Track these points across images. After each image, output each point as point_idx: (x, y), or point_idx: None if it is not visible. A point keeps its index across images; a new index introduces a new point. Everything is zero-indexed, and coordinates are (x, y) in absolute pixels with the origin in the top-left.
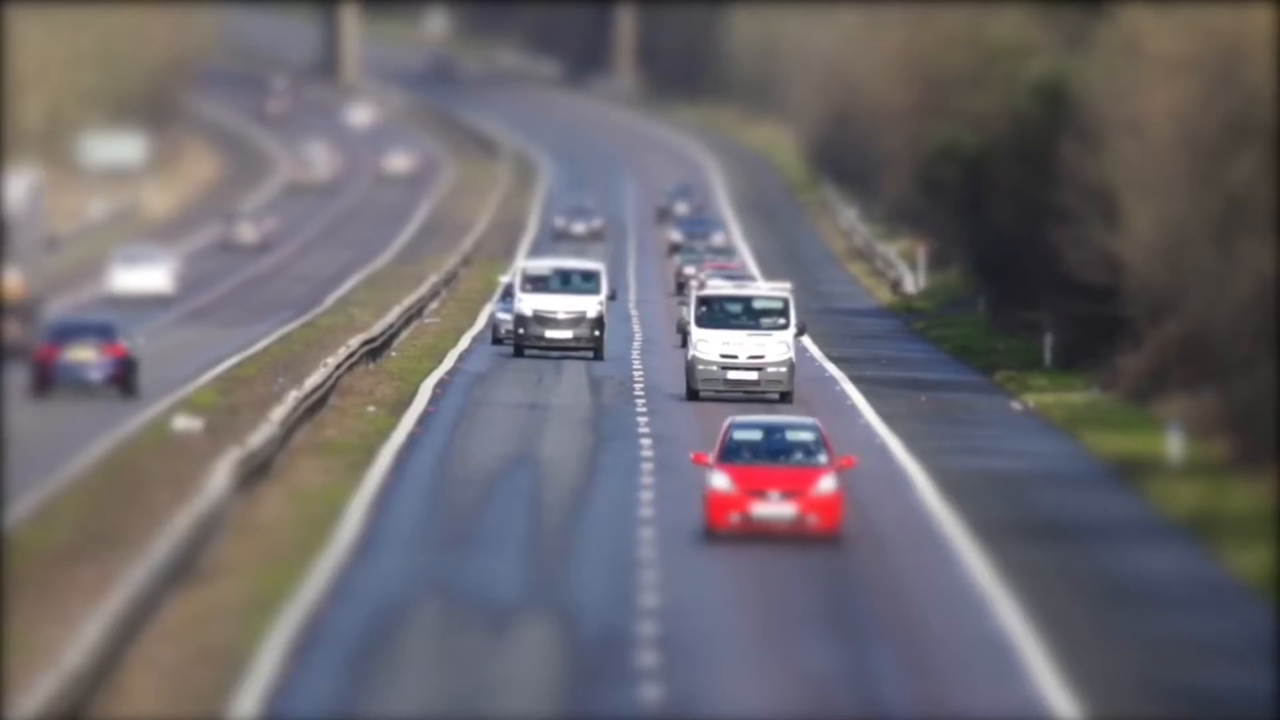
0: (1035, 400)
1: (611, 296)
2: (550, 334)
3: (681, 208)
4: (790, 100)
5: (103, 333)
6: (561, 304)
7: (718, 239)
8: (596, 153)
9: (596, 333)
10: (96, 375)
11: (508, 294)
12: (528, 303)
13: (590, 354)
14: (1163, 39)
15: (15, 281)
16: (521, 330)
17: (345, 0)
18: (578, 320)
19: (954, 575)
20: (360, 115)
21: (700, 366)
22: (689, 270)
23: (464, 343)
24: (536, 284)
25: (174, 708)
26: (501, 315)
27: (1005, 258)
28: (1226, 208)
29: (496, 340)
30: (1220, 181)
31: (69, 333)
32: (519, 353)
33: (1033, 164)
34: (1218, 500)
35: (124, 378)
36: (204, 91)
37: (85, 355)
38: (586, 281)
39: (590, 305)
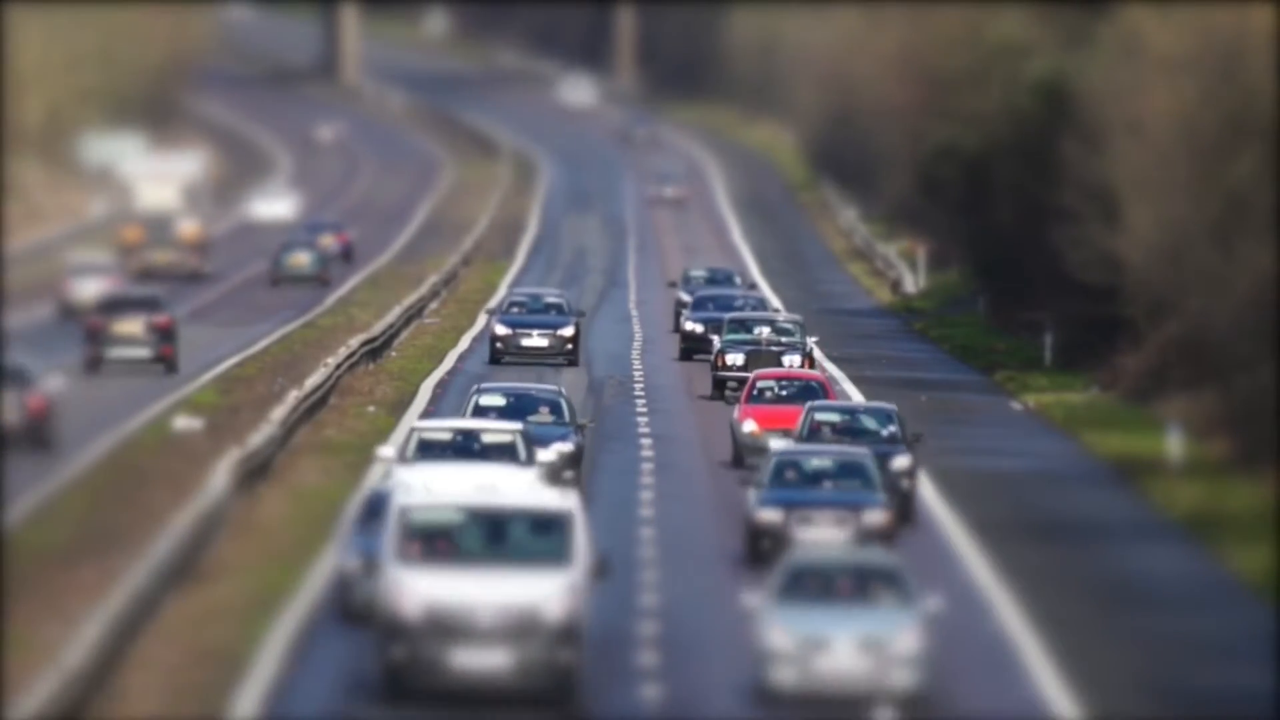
0: (1035, 400)
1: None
2: (464, 662)
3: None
4: (790, 100)
5: (309, 243)
6: (484, 592)
7: (766, 331)
8: (596, 152)
9: (564, 656)
10: (309, 271)
11: (371, 514)
12: (410, 591)
13: (552, 703)
14: (1163, 38)
15: (193, 228)
16: (398, 653)
17: (345, 0)
18: (522, 629)
19: (954, 575)
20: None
21: None
22: (733, 359)
23: (464, 343)
24: (430, 542)
25: (174, 708)
26: (352, 563)
27: (1005, 258)
28: (1226, 208)
29: (349, 613)
30: (1220, 181)
31: (290, 245)
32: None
33: (1033, 164)
34: (1218, 500)
35: (324, 275)
36: (204, 91)
37: (301, 260)
38: (540, 536)
39: (546, 594)
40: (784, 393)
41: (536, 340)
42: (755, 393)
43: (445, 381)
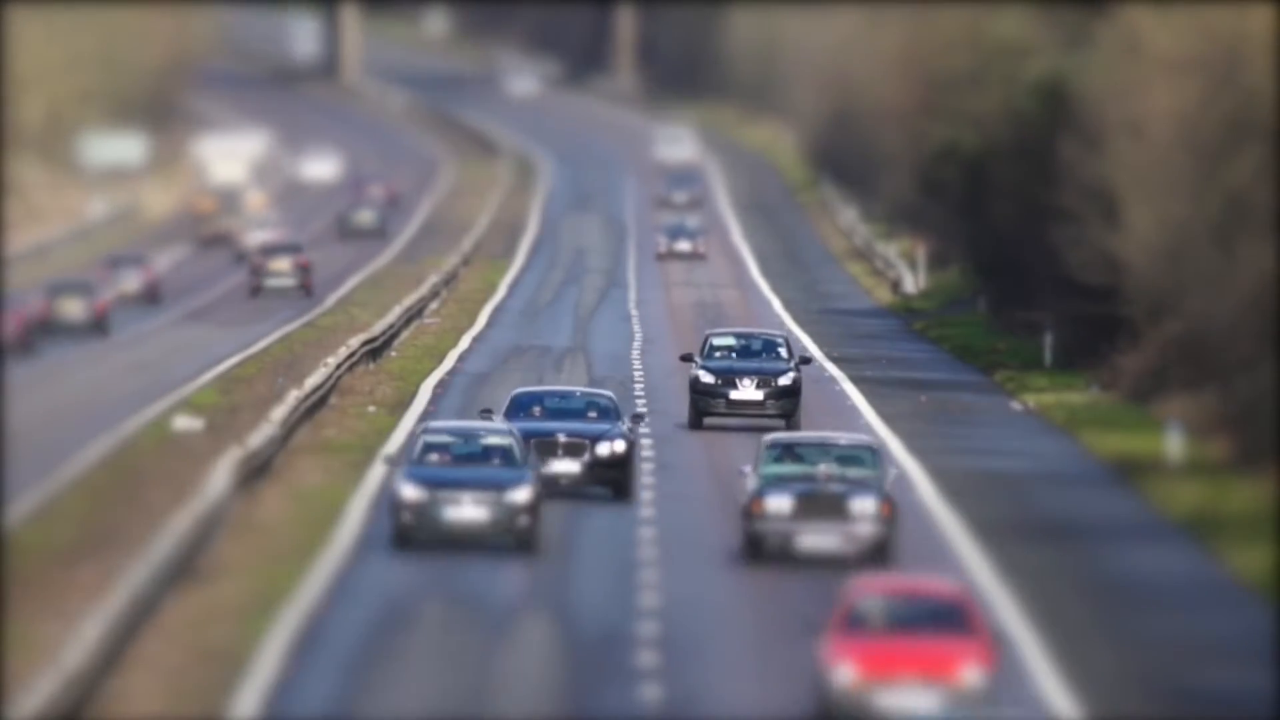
0: (1035, 400)
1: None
2: None
3: (748, 386)
4: (790, 100)
5: (371, 202)
6: None
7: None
8: (596, 152)
9: None
10: (372, 225)
11: None
12: None
13: None
14: (1163, 39)
15: (259, 198)
16: None
17: (345, 0)
18: None
19: (954, 575)
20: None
21: None
22: (777, 505)
23: (464, 343)
24: None
25: (174, 708)
26: None
27: (1005, 258)
28: (1226, 208)
29: None
30: (1220, 181)
31: (355, 204)
32: None
33: (1033, 164)
34: (1218, 500)
35: (384, 229)
36: (205, 91)
37: (366, 217)
38: None
39: None
40: (903, 616)
41: (469, 511)
42: (854, 617)
43: (446, 381)
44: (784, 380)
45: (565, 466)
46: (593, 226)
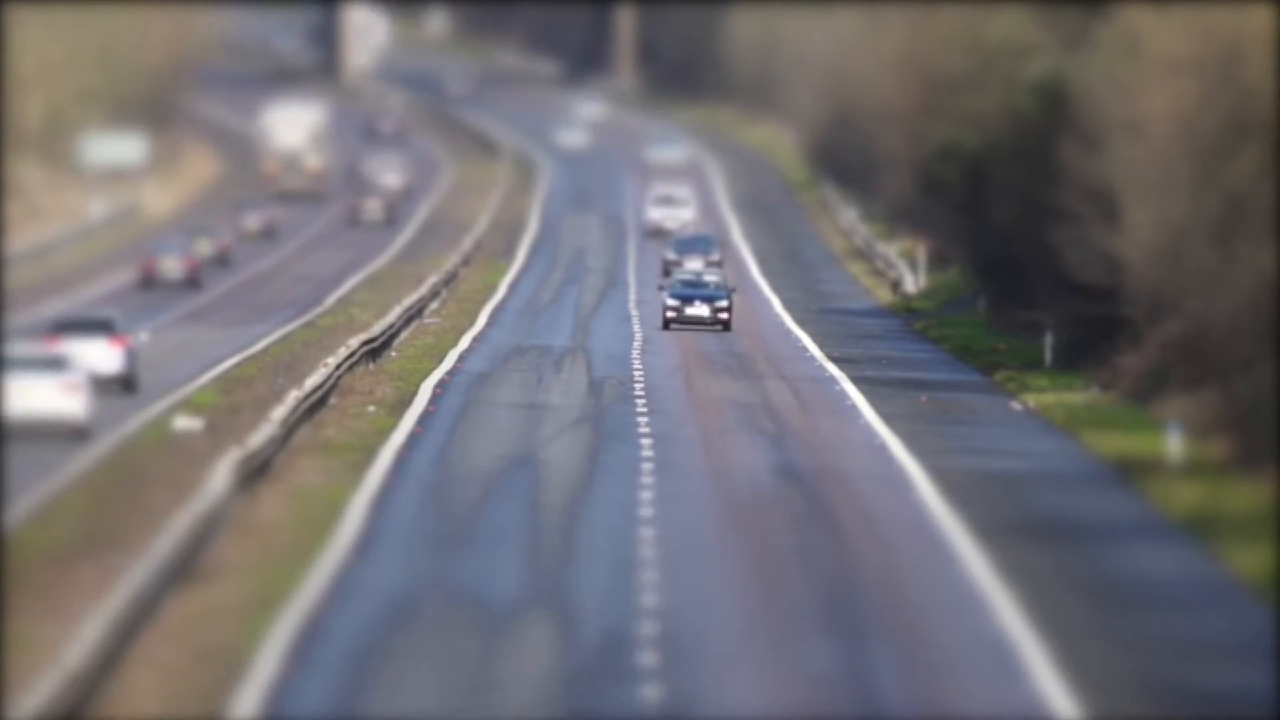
0: (1035, 400)
1: None
2: None
3: None
4: (790, 100)
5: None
6: None
7: None
8: (596, 152)
9: None
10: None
11: None
12: None
13: None
14: (1163, 39)
15: (318, 162)
16: None
17: (345, 0)
18: None
19: (954, 575)
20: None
21: None
22: None
23: (464, 343)
24: None
25: (174, 708)
26: None
27: (1005, 258)
28: (1226, 208)
29: None
30: (1220, 181)
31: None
32: None
33: (1033, 164)
34: (1218, 500)
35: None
36: (205, 91)
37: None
38: None
39: None
40: None
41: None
42: None
43: (445, 381)
44: None
45: None
46: (592, 226)
